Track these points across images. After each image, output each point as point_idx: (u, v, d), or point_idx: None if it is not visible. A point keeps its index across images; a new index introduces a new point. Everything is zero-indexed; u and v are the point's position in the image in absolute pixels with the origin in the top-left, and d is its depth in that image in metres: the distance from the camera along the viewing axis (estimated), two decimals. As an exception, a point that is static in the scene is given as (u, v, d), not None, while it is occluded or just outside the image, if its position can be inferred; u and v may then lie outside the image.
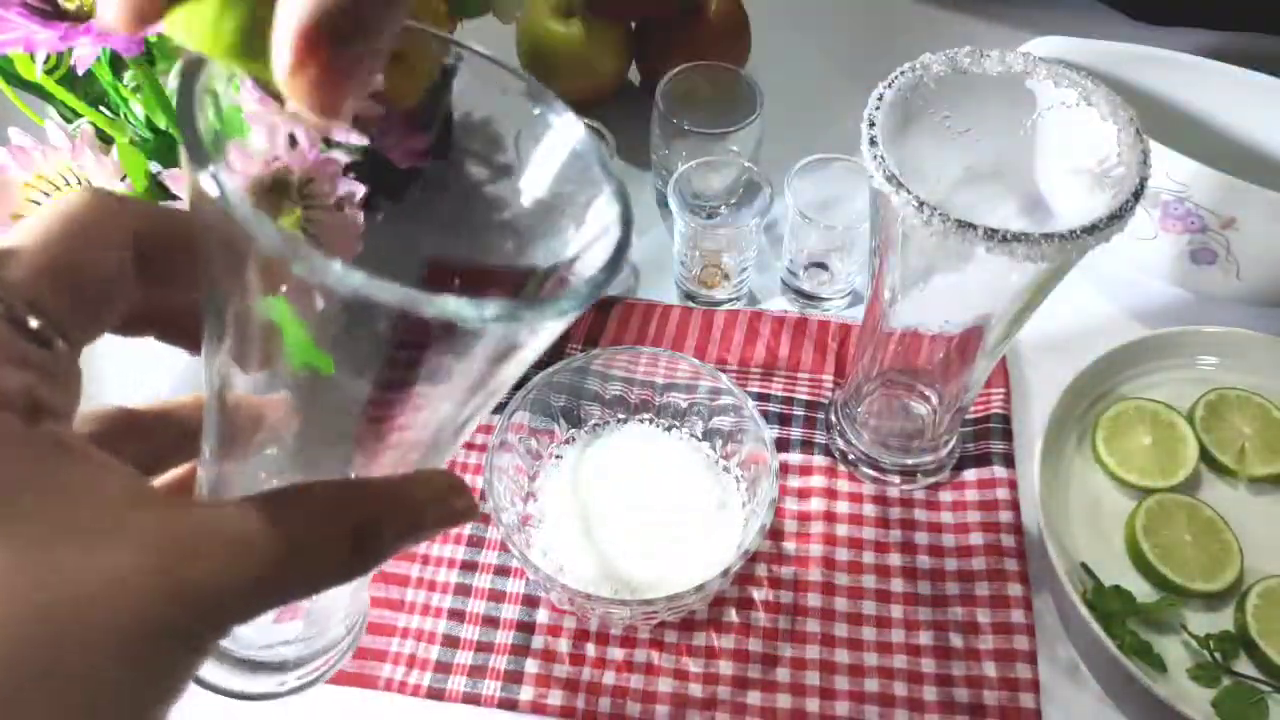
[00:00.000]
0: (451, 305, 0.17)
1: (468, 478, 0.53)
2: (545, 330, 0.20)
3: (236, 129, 0.42)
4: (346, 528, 0.20)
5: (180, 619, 0.17)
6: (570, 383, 0.51)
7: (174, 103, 0.19)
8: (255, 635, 0.27)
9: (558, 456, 0.52)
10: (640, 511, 0.49)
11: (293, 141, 0.40)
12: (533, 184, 0.25)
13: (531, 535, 0.49)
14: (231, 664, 0.26)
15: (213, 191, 0.17)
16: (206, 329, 0.22)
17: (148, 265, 0.22)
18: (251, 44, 0.19)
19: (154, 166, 0.42)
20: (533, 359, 0.22)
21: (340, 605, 0.29)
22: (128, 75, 0.42)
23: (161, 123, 0.42)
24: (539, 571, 0.43)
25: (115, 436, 0.23)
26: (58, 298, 0.20)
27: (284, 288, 0.20)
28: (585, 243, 0.23)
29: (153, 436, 0.20)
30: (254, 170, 0.39)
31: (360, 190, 0.43)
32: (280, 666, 0.27)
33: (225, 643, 0.26)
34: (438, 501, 0.22)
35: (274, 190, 0.41)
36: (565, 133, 0.24)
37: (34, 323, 0.19)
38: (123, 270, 0.21)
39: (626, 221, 0.22)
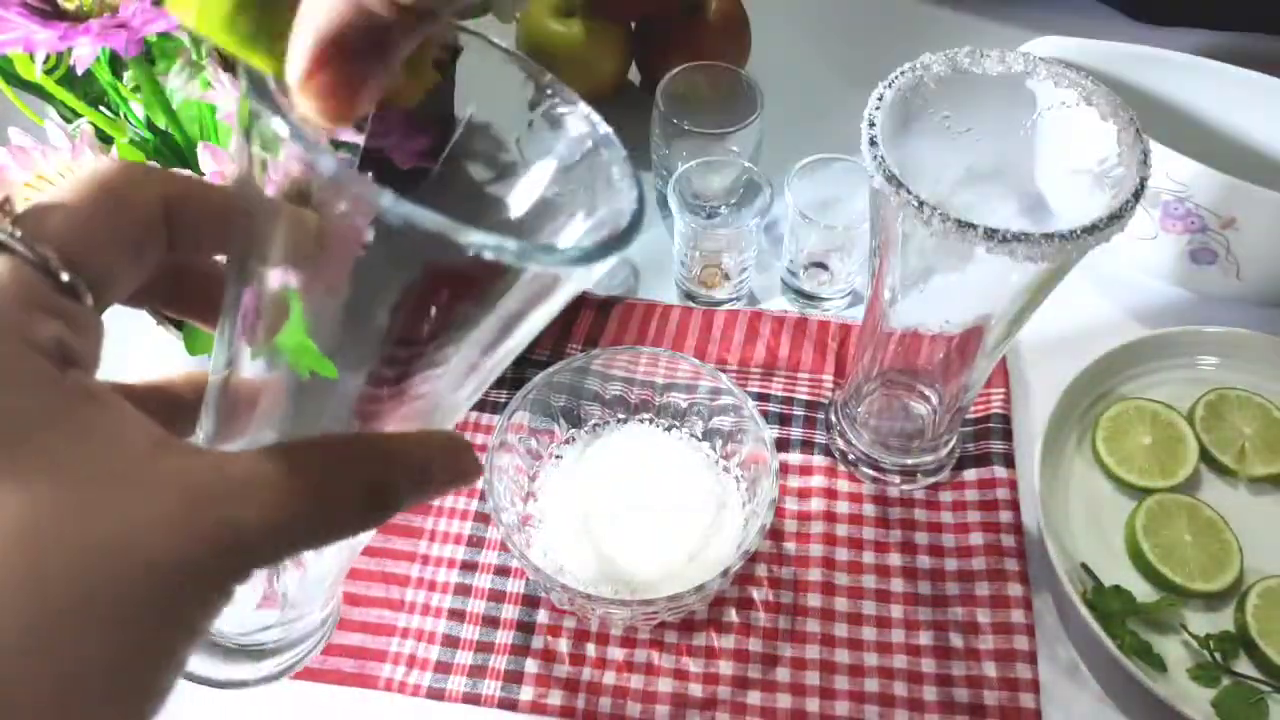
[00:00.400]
0: (492, 238, 0.17)
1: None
2: (571, 281, 0.20)
3: (209, 131, 0.43)
4: (363, 481, 0.21)
5: (206, 560, 0.18)
6: (570, 383, 0.51)
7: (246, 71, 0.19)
8: (236, 623, 0.27)
9: (558, 456, 0.52)
10: (640, 511, 0.49)
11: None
12: (540, 178, 0.25)
13: (531, 535, 0.49)
14: (209, 651, 0.26)
15: (284, 132, 0.18)
16: (227, 302, 0.22)
17: (174, 229, 0.23)
18: (257, 37, 0.19)
19: (153, 166, 0.42)
20: (543, 323, 0.22)
21: (321, 591, 0.29)
22: (127, 75, 0.42)
23: (161, 122, 0.42)
24: (539, 571, 0.43)
25: None
26: (89, 254, 0.21)
27: (300, 280, 0.20)
28: (596, 226, 0.24)
29: (143, 409, 0.20)
30: (229, 171, 0.39)
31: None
32: (258, 653, 0.27)
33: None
34: (445, 460, 0.23)
35: (297, 199, 0.41)
36: (574, 123, 0.24)
37: (65, 276, 0.20)
38: (152, 230, 0.22)
39: (638, 185, 0.22)
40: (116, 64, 0.42)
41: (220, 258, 0.25)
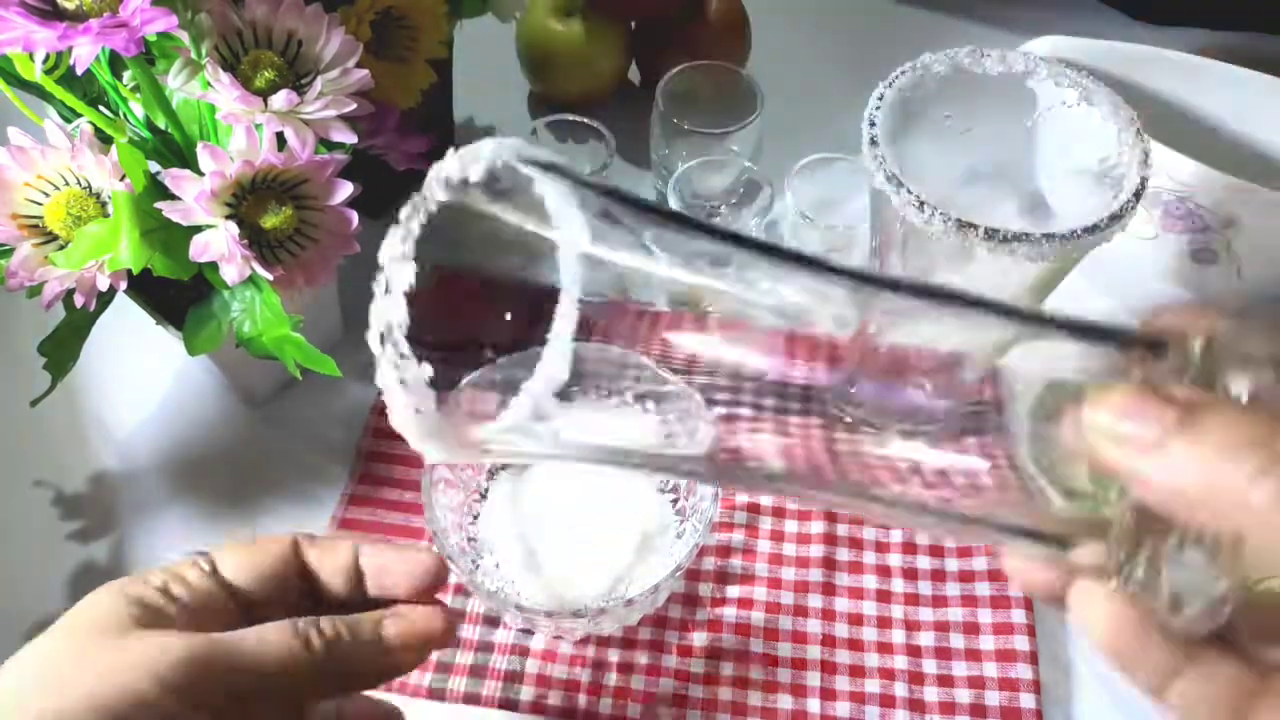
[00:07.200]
0: None
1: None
2: None
3: (208, 131, 0.42)
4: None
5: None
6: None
7: None
8: None
9: (503, 468, 0.49)
10: (581, 529, 0.47)
11: (281, 141, 0.40)
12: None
13: (479, 557, 0.47)
14: None
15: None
16: None
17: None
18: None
19: (153, 166, 0.42)
20: None
21: None
22: (127, 75, 0.42)
23: (161, 122, 0.42)
24: (491, 595, 0.42)
25: None
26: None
27: None
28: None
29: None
30: (229, 170, 0.39)
31: (349, 189, 0.42)
32: None
33: None
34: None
35: (257, 189, 0.41)
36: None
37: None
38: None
39: None
40: (116, 64, 0.42)
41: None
